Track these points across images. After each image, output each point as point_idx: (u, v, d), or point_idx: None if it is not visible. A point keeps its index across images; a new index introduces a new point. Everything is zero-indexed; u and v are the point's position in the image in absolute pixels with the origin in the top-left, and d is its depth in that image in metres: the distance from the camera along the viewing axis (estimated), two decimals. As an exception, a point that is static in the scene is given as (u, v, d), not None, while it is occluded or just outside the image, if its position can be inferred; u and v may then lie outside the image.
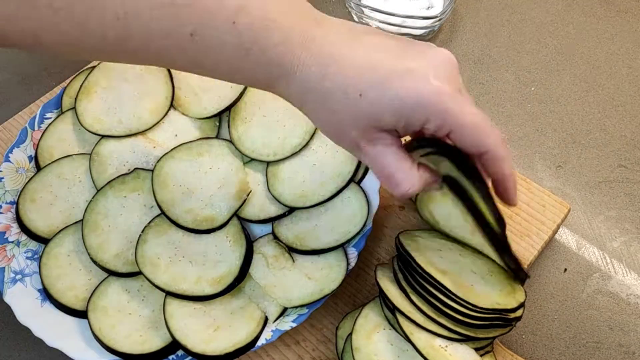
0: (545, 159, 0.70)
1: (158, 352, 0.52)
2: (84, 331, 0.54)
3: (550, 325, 0.59)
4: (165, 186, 0.59)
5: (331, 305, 0.58)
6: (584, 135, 0.71)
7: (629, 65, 0.77)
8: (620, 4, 0.84)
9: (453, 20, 0.83)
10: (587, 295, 0.60)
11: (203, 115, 0.64)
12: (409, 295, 0.50)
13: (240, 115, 0.63)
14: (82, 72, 0.68)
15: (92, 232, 0.57)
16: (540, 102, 0.74)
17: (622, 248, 0.63)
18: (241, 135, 0.62)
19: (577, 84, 0.76)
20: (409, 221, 0.63)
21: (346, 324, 0.53)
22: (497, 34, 0.81)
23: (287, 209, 0.59)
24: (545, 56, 0.79)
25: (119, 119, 0.64)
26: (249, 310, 0.55)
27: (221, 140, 0.62)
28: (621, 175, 0.68)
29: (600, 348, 0.57)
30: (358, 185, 0.59)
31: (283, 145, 0.61)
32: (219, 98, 0.64)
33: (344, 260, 0.56)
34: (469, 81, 0.77)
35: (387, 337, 0.51)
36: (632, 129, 0.72)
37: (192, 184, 0.60)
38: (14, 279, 0.56)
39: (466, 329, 0.49)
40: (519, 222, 0.62)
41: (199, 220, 0.57)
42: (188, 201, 0.58)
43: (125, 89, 0.65)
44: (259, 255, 0.57)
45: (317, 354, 0.56)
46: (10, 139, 0.70)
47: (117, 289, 0.56)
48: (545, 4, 0.84)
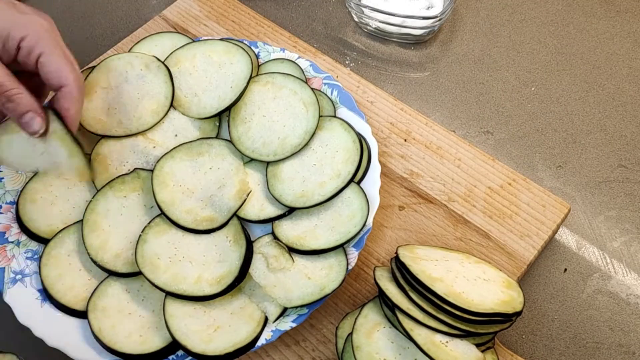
0: (545, 159, 0.70)
1: (158, 352, 0.52)
2: (84, 331, 0.54)
3: (550, 325, 0.59)
4: (165, 186, 0.59)
5: (331, 305, 0.58)
6: (584, 135, 0.71)
7: (629, 65, 0.77)
8: (620, 4, 0.84)
9: (453, 20, 0.83)
10: (587, 295, 0.60)
11: (203, 115, 0.64)
12: (408, 292, 0.50)
13: (240, 115, 0.63)
14: (82, 72, 0.68)
15: (92, 232, 0.57)
16: (540, 102, 0.75)
17: (622, 248, 0.63)
18: (241, 135, 0.62)
19: (577, 84, 0.76)
20: (409, 221, 0.63)
21: (346, 324, 0.53)
22: (497, 34, 0.81)
23: (287, 209, 0.59)
24: (545, 56, 0.79)
25: (119, 119, 0.64)
26: (249, 310, 0.55)
27: (221, 140, 0.62)
28: (621, 175, 0.68)
29: (600, 348, 0.57)
30: (358, 185, 0.59)
31: (283, 145, 0.61)
32: (219, 98, 0.64)
33: (344, 260, 0.56)
34: (469, 81, 0.77)
35: (388, 335, 0.51)
36: (632, 129, 0.72)
37: (192, 184, 0.60)
38: (14, 279, 0.56)
39: (466, 324, 0.49)
40: (519, 222, 0.62)
41: (199, 220, 0.57)
42: (188, 201, 0.58)
43: (125, 89, 0.65)
44: (259, 255, 0.57)
45: (317, 354, 0.56)
46: (10, 139, 0.70)
47: (117, 289, 0.56)
48: (545, 4, 0.84)
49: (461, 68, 0.78)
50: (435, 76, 0.78)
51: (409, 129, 0.69)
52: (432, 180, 0.65)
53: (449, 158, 0.66)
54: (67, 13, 0.86)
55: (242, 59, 0.65)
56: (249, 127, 0.63)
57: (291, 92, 0.64)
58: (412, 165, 0.66)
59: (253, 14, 0.80)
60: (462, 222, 0.62)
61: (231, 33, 0.78)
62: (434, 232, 0.62)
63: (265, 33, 0.78)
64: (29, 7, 0.53)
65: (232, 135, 0.62)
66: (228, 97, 0.64)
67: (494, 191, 0.64)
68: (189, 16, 0.80)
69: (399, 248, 0.55)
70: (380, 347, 0.50)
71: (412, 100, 0.75)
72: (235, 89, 0.64)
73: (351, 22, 0.83)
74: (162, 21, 0.80)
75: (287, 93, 0.64)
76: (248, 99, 0.64)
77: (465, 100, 0.75)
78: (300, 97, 0.63)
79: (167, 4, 0.84)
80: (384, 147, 0.68)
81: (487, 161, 0.66)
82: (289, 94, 0.64)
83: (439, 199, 0.64)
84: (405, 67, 0.79)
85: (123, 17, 0.86)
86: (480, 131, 0.72)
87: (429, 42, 0.81)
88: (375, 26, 0.80)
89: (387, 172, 0.66)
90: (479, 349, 0.49)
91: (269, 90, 0.64)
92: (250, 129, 0.63)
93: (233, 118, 0.63)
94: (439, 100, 0.75)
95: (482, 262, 0.57)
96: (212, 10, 0.81)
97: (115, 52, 0.77)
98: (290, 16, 0.83)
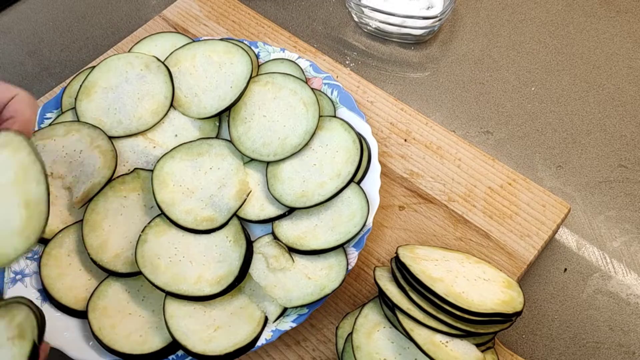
0: (545, 159, 0.70)
1: (158, 352, 0.52)
2: (84, 331, 0.54)
3: (550, 325, 0.59)
4: (165, 186, 0.59)
5: (331, 305, 0.58)
6: (584, 135, 0.71)
7: (629, 65, 0.77)
8: (620, 4, 0.84)
9: (453, 20, 0.83)
10: (587, 295, 0.60)
11: (203, 115, 0.64)
12: (408, 293, 0.50)
13: (240, 115, 0.63)
14: (82, 72, 0.68)
15: (92, 232, 0.57)
16: (540, 102, 0.75)
17: (622, 248, 0.63)
18: (241, 136, 0.62)
19: (577, 84, 0.76)
20: (409, 221, 0.63)
21: (346, 324, 0.53)
22: (497, 34, 0.81)
23: (287, 209, 0.59)
24: (545, 56, 0.79)
25: (119, 119, 0.64)
26: (249, 310, 0.55)
27: (221, 140, 0.62)
28: (621, 175, 0.68)
29: (600, 348, 0.57)
30: (358, 185, 0.59)
31: (283, 145, 0.61)
32: (219, 98, 0.64)
33: (344, 260, 0.56)
34: (469, 81, 0.77)
35: (388, 335, 0.51)
36: (632, 129, 0.72)
37: (192, 184, 0.60)
38: (14, 279, 0.56)
39: (466, 324, 0.49)
40: (519, 222, 0.62)
41: (199, 220, 0.57)
42: (188, 201, 0.58)
43: (125, 89, 0.65)
44: (259, 256, 0.57)
45: (317, 354, 0.56)
46: (10, 139, 0.70)
47: (117, 289, 0.56)
48: (545, 4, 0.84)
49: (461, 68, 0.78)
50: (435, 76, 0.78)
51: (409, 129, 0.69)
52: (432, 180, 0.65)
53: (449, 158, 0.66)
54: (67, 13, 0.86)
55: (242, 59, 0.65)
56: (249, 127, 0.63)
57: (291, 92, 0.64)
58: (412, 165, 0.66)
59: (253, 14, 0.80)
60: (462, 222, 0.62)
61: (231, 33, 0.78)
62: (434, 232, 0.62)
63: (265, 33, 0.78)
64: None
65: (232, 135, 0.62)
66: (228, 97, 0.64)
67: (494, 191, 0.64)
68: (189, 16, 0.80)
69: (399, 248, 0.55)
70: (380, 347, 0.50)
71: (412, 100, 0.75)
72: (235, 89, 0.64)
73: (351, 22, 0.83)
74: (162, 21, 0.80)
75: (287, 93, 0.64)
76: (248, 99, 0.64)
77: (465, 100, 0.75)
78: (300, 97, 0.63)
79: (167, 4, 0.84)
80: (384, 147, 0.68)
81: (487, 161, 0.66)
82: (289, 94, 0.64)
83: (439, 199, 0.64)
84: (405, 67, 0.79)
85: (123, 17, 0.86)
86: (480, 131, 0.72)
87: (429, 42, 0.81)
88: (375, 26, 0.80)
89: (387, 172, 0.66)
90: (479, 348, 0.49)
91: (269, 90, 0.65)
92: (250, 129, 0.63)
93: (233, 118, 0.63)
94: (439, 100, 0.75)
95: (482, 262, 0.57)
96: (212, 10, 0.81)
97: (115, 52, 0.77)
98: (290, 16, 0.83)
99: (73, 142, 0.62)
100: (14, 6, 0.87)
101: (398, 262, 0.52)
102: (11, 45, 0.84)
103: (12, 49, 0.83)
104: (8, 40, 0.84)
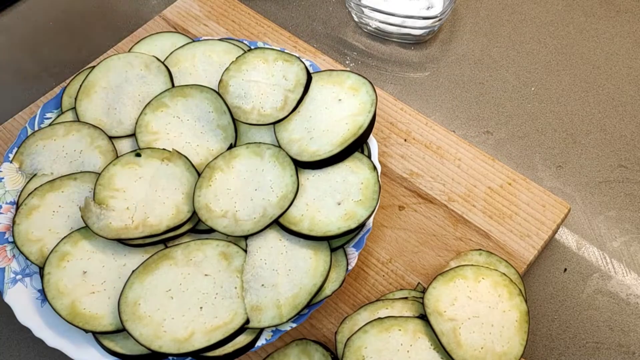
0: (545, 159, 0.70)
1: (158, 352, 0.52)
2: (83, 332, 0.54)
3: (550, 325, 0.59)
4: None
5: (331, 306, 0.58)
6: (584, 135, 0.71)
7: (629, 65, 0.77)
8: (620, 4, 0.84)
9: (453, 20, 0.83)
10: (587, 295, 0.60)
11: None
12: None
13: None
14: (82, 72, 0.68)
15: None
16: (540, 102, 0.75)
17: (622, 248, 0.63)
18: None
19: (577, 84, 0.76)
20: (408, 221, 0.63)
21: (345, 328, 0.53)
22: (497, 34, 0.81)
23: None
24: (545, 56, 0.79)
25: (119, 119, 0.64)
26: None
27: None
28: (621, 175, 0.68)
29: (600, 348, 0.57)
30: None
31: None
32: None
33: (344, 260, 0.56)
34: (469, 81, 0.77)
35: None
36: (632, 129, 0.72)
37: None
38: (14, 279, 0.56)
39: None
40: (519, 222, 0.62)
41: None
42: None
43: (125, 89, 0.65)
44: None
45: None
46: (10, 139, 0.70)
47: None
48: (545, 4, 0.84)
49: (461, 68, 0.78)
50: (435, 76, 0.78)
51: (409, 129, 0.69)
52: (432, 180, 0.65)
53: (449, 158, 0.67)
54: (67, 13, 0.86)
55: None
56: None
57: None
58: (412, 165, 0.66)
59: (253, 14, 0.80)
60: (462, 222, 0.62)
61: (231, 33, 0.78)
62: (434, 232, 0.62)
63: (265, 33, 0.78)
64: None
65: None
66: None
67: (494, 191, 0.64)
68: (189, 16, 0.80)
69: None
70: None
71: (412, 100, 0.75)
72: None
73: (351, 22, 0.83)
74: (162, 21, 0.80)
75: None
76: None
77: (465, 100, 0.75)
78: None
79: (167, 4, 0.84)
80: (384, 147, 0.68)
81: (487, 161, 0.66)
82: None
83: (439, 199, 0.64)
84: (405, 67, 0.79)
85: (123, 17, 0.86)
86: (480, 131, 0.72)
87: (429, 42, 0.81)
88: (375, 26, 0.80)
89: (387, 172, 0.66)
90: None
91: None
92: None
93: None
94: (439, 100, 0.75)
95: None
96: (212, 10, 0.81)
97: (115, 52, 0.77)
98: (290, 16, 0.83)
99: (73, 142, 0.62)
100: (14, 6, 0.88)
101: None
102: (11, 45, 0.84)
103: (12, 49, 0.83)
104: (8, 40, 0.84)
